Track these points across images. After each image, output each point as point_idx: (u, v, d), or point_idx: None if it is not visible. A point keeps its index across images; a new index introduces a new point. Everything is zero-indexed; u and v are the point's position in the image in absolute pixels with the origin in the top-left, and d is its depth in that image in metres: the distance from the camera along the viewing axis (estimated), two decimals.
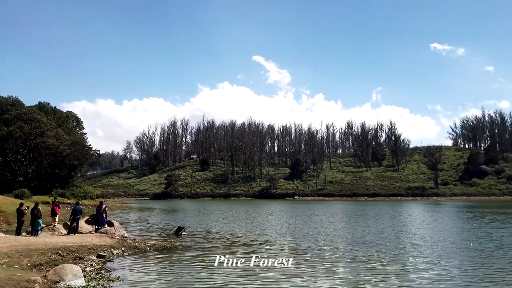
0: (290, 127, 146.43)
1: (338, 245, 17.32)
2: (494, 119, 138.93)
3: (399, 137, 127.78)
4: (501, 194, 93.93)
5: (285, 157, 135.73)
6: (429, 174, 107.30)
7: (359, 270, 12.21)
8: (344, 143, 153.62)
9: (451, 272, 11.82)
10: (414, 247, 16.83)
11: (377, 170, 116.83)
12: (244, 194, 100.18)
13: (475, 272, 11.84)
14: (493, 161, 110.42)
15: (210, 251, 15.79)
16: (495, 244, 17.36)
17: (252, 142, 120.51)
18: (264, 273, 11.70)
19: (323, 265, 12.87)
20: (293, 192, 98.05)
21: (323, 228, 24.91)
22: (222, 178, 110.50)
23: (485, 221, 29.58)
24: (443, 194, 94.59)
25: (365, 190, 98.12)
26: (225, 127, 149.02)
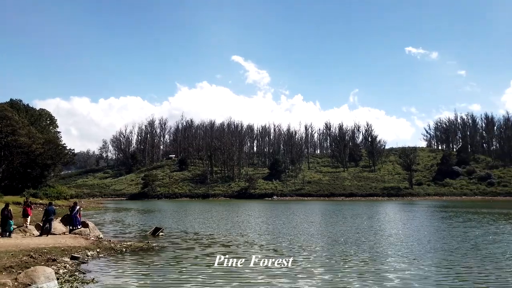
0: (269, 127, 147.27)
1: (317, 245, 17.48)
2: (466, 121, 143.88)
3: (376, 138, 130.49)
4: (472, 194, 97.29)
5: (264, 157, 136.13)
6: (404, 174, 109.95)
7: (336, 270, 12.30)
8: (322, 144, 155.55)
9: (427, 271, 12.02)
10: (391, 246, 17.12)
11: (354, 171, 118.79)
12: (223, 194, 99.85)
13: (449, 271, 12.14)
14: (464, 162, 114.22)
15: (188, 252, 15.63)
16: (470, 243, 17.78)
17: (231, 142, 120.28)
18: (244, 274, 11.68)
19: (301, 265, 12.95)
20: (271, 192, 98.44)
21: (302, 228, 25.12)
22: (201, 178, 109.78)
23: (460, 220, 30.39)
24: (417, 194, 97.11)
25: (342, 190, 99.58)
26: (204, 127, 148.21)
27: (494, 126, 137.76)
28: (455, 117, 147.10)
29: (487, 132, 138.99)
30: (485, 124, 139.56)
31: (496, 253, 15.18)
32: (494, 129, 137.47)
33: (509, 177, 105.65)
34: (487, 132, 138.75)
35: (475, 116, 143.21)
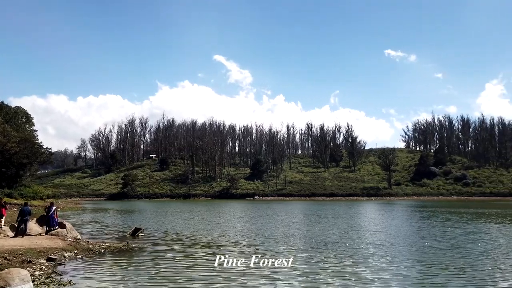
0: (251, 127, 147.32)
1: (298, 245, 17.59)
2: (443, 123, 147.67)
3: (356, 139, 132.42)
4: (448, 194, 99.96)
5: (246, 157, 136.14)
6: (383, 174, 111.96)
7: (317, 270, 12.35)
8: (304, 144, 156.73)
9: (407, 271, 12.15)
10: (372, 246, 17.30)
11: (334, 171, 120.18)
12: (204, 194, 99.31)
13: (429, 269, 12.38)
14: (441, 163, 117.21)
15: (168, 253, 15.48)
16: (451, 243, 18.04)
17: (213, 142, 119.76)
18: (225, 275, 11.66)
19: (283, 265, 13.02)
20: (253, 192, 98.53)
21: (284, 228, 25.25)
22: (182, 178, 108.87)
23: (439, 220, 30.98)
24: (395, 194, 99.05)
25: (323, 190, 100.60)
26: (186, 126, 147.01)
27: (470, 128, 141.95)
28: (432, 119, 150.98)
29: (463, 133, 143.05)
30: (461, 126, 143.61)
31: (474, 252, 15.58)
32: (469, 131, 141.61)
33: (484, 178, 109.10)
34: (463, 134, 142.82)
35: (451, 118, 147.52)
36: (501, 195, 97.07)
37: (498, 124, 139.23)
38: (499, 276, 11.42)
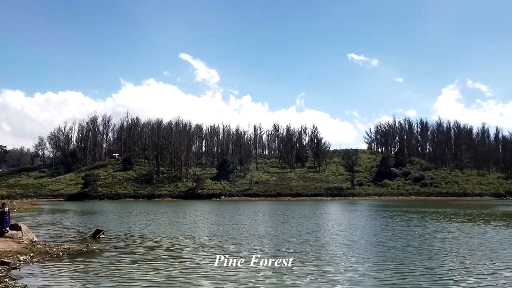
0: (218, 127, 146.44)
1: (264, 246, 17.71)
2: (403, 126, 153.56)
3: (321, 140, 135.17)
4: (407, 194, 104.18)
5: (213, 157, 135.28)
6: (347, 175, 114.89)
7: (282, 270, 12.39)
8: (271, 145, 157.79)
9: (376, 270, 12.36)
10: (340, 246, 17.52)
11: (300, 171, 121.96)
12: (169, 195, 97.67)
13: (398, 268, 12.71)
14: (401, 164, 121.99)
15: (130, 256, 15.11)
16: (417, 242, 18.49)
17: (179, 142, 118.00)
18: (186, 280, 11.55)
19: (249, 265, 13.06)
20: (219, 193, 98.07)
21: (250, 229, 25.32)
22: (146, 178, 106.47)
23: (403, 219, 31.85)
24: (358, 194, 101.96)
25: (289, 190, 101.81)
26: (151, 125, 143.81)
27: (428, 131, 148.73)
28: (393, 122, 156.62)
29: (421, 136, 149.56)
30: (420, 129, 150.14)
31: (439, 251, 16.20)
32: (428, 134, 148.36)
33: (440, 179, 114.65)
34: (422, 136, 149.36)
35: (411, 121, 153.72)
36: (456, 195, 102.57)
37: (454, 128, 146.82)
38: (464, 273, 11.93)
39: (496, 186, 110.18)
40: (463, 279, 11.09)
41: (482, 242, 18.44)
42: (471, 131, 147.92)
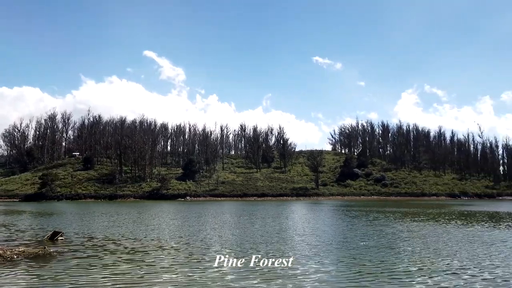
0: (184, 126, 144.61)
1: (229, 246, 17.70)
2: (365, 128, 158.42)
3: (287, 141, 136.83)
4: (369, 194, 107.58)
5: (178, 157, 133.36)
6: (311, 175, 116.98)
7: (251, 272, 12.34)
8: (237, 145, 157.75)
9: (345, 270, 12.52)
10: (309, 247, 17.61)
11: (266, 172, 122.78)
12: (132, 195, 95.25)
13: (364, 268, 13.04)
14: (363, 165, 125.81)
15: (91, 259, 14.61)
16: (384, 242, 18.86)
17: (143, 141, 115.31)
18: (147, 285, 11.37)
19: (212, 265, 13.04)
20: (185, 193, 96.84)
21: (216, 230, 25.22)
22: (108, 178, 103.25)
23: (369, 219, 32.60)
24: (322, 194, 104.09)
25: (255, 190, 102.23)
26: (114, 124, 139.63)
27: (389, 133, 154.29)
28: (356, 124, 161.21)
29: (383, 138, 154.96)
30: (381, 131, 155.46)
31: (406, 250, 16.71)
32: (388, 136, 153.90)
33: (400, 179, 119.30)
34: (383, 138, 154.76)
35: (373, 124, 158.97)
36: (414, 195, 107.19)
37: (413, 130, 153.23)
38: (432, 272, 12.38)
39: (451, 186, 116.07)
40: (430, 278, 11.43)
41: (447, 240, 19.18)
42: (428, 134, 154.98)
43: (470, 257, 14.41)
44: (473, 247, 16.84)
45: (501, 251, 15.83)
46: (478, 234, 21.56)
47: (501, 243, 18.20)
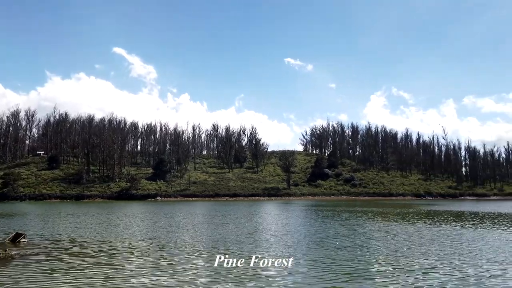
0: (155, 125, 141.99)
1: (199, 247, 17.37)
2: (336, 129, 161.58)
3: (259, 141, 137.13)
4: (339, 194, 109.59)
5: (149, 156, 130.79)
6: (283, 176, 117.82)
7: (216, 272, 12.14)
8: (209, 145, 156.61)
9: (320, 271, 12.45)
10: (283, 247, 17.55)
11: (238, 172, 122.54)
12: (100, 195, 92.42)
13: (339, 267, 13.01)
14: (334, 166, 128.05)
15: (56, 262, 13.86)
16: (359, 241, 18.97)
17: (112, 140, 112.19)
18: (116, 285, 10.92)
19: (184, 268, 12.71)
20: (155, 193, 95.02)
21: (188, 231, 24.76)
22: (75, 178, 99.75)
23: (342, 219, 32.89)
24: (294, 194, 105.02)
25: (227, 190, 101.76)
26: (81, 122, 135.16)
27: (358, 135, 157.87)
28: (327, 125, 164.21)
29: (352, 139, 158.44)
30: (351, 132, 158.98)
31: (380, 250, 16.93)
32: (358, 137, 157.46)
33: (368, 180, 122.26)
34: (353, 140, 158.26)
35: (343, 125, 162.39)
36: (382, 195, 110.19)
37: (381, 132, 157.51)
38: (405, 271, 12.58)
39: (417, 187, 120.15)
40: (404, 277, 11.54)
41: (418, 240, 19.59)
42: (396, 136, 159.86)
43: (441, 256, 14.78)
44: (443, 246, 17.32)
45: (470, 250, 16.36)
46: (447, 234, 22.25)
47: (470, 242, 18.84)
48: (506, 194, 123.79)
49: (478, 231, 23.69)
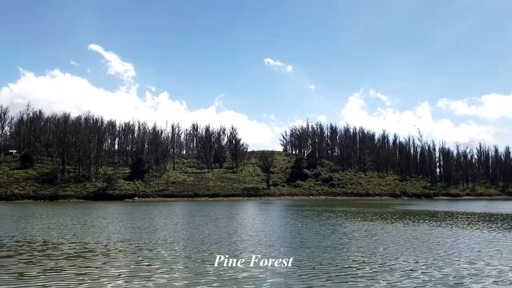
0: (133, 124, 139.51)
1: (180, 249, 17.06)
2: (315, 130, 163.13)
3: (239, 141, 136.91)
4: (317, 194, 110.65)
5: (127, 156, 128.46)
6: (263, 176, 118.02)
7: (196, 274, 11.92)
8: (189, 144, 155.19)
9: (297, 270, 12.46)
10: (258, 247, 17.51)
11: (218, 172, 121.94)
12: (76, 196, 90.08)
13: (320, 267, 12.97)
14: (313, 166, 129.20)
15: (24, 265, 13.31)
16: (341, 240, 19.16)
17: (88, 139, 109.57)
18: None
19: (163, 271, 12.44)
20: (133, 193, 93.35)
21: (168, 231, 24.35)
22: (49, 178, 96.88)
23: (323, 218, 32.91)
24: (273, 194, 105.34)
25: (206, 190, 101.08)
26: (56, 120, 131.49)
27: (337, 135, 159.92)
28: (307, 126, 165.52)
29: (331, 140, 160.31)
30: (330, 133, 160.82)
31: (362, 249, 17.06)
32: (336, 138, 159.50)
33: (346, 180, 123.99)
34: (331, 140, 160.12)
35: (322, 126, 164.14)
36: (359, 195, 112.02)
37: (359, 133, 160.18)
38: (384, 271, 12.67)
39: (393, 187, 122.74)
40: (385, 277, 11.64)
41: (397, 239, 19.84)
42: (373, 137, 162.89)
43: (421, 256, 15.02)
44: (422, 246, 17.64)
45: (447, 249, 16.72)
46: (425, 233, 22.70)
47: (447, 241, 19.28)
48: (477, 194, 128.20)
49: (454, 230, 24.31)
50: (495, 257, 14.76)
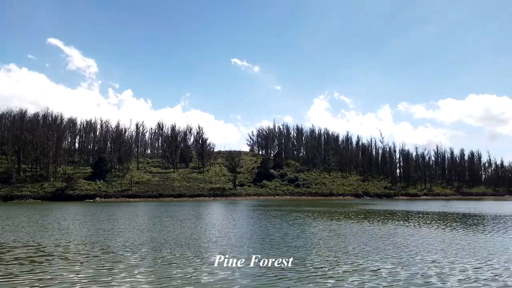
0: (95, 122, 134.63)
1: (144, 253, 16.47)
2: (281, 130, 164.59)
3: (206, 141, 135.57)
4: (283, 194, 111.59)
5: (88, 155, 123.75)
6: (229, 176, 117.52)
7: (159, 279, 11.52)
8: (154, 144, 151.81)
9: (265, 271, 12.41)
10: (225, 248, 17.30)
11: (184, 172, 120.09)
12: (32, 196, 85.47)
13: (287, 268, 12.88)
14: (279, 166, 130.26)
15: None
16: (310, 240, 19.28)
17: (47, 136, 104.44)
18: None
19: (124, 276, 11.88)
20: (94, 193, 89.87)
21: (131, 233, 23.48)
22: (4, 177, 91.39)
23: (291, 218, 33.03)
24: (239, 194, 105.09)
25: (171, 190, 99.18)
26: (12, 117, 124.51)
27: (303, 136, 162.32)
28: (273, 126, 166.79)
29: (297, 141, 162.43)
30: (296, 134, 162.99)
31: (335, 248, 17.14)
32: (302, 139, 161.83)
33: (311, 180, 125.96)
34: (297, 141, 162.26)
35: (289, 127, 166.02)
36: (324, 195, 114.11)
37: (324, 134, 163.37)
38: (354, 271, 12.75)
39: (356, 187, 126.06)
40: (355, 277, 11.74)
41: (365, 239, 20.19)
42: (337, 138, 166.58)
43: (389, 255, 15.30)
44: (388, 244, 18.02)
45: (415, 247, 17.15)
46: (391, 232, 23.25)
47: (412, 239, 19.82)
48: (434, 194, 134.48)
49: (418, 229, 25.12)
50: (459, 255, 15.30)
